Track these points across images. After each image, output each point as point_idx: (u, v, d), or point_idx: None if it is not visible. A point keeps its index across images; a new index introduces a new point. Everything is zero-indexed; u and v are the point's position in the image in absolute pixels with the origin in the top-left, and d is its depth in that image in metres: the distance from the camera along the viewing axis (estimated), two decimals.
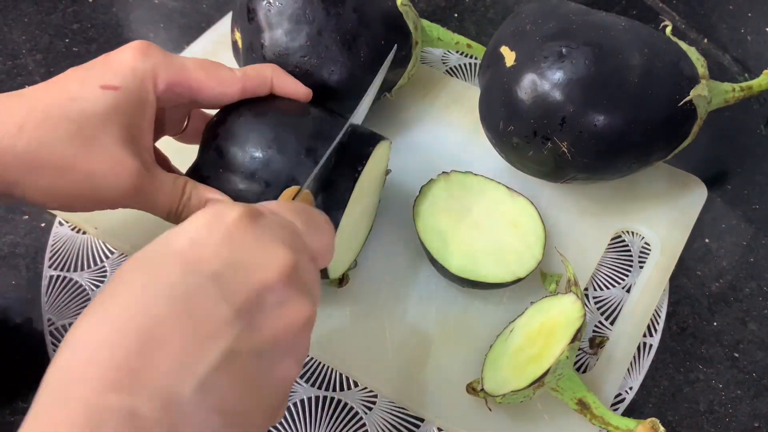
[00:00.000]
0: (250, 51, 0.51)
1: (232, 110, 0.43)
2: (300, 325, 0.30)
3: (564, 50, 0.45)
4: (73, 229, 0.52)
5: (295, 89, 0.45)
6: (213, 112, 0.45)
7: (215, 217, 0.30)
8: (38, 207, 0.39)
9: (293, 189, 0.39)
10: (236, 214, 0.30)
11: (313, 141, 0.42)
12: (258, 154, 0.41)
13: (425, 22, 0.57)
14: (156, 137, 0.46)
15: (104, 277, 0.49)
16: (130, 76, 0.38)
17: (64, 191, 0.37)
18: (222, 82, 0.42)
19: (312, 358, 0.47)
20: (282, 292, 0.29)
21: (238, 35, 0.52)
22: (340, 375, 0.47)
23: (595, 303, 0.50)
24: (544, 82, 0.45)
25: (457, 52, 0.64)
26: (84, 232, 0.51)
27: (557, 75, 0.45)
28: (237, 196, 0.41)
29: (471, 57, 0.64)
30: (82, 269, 0.50)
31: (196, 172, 0.43)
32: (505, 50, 0.48)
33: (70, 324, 0.47)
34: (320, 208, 0.40)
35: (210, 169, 0.42)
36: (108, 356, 0.25)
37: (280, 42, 0.49)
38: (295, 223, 0.32)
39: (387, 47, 0.51)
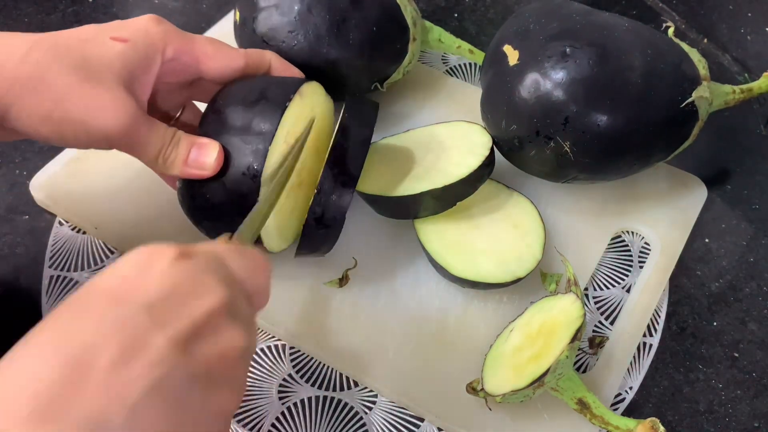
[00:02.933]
0: (244, 26, 0.52)
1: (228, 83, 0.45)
2: (236, 355, 0.30)
3: (567, 50, 0.45)
4: (73, 229, 0.52)
5: (291, 73, 0.47)
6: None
7: (147, 256, 0.30)
8: (29, 135, 0.39)
9: (226, 235, 0.38)
10: (169, 253, 0.30)
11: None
12: (250, 106, 0.42)
13: (427, 23, 0.57)
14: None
15: None
16: (141, 34, 0.41)
17: (60, 118, 0.38)
18: (227, 56, 0.44)
19: (312, 358, 0.47)
20: (216, 321, 0.29)
21: (237, 14, 0.53)
22: (340, 375, 0.47)
23: (595, 303, 0.50)
24: (548, 82, 0.45)
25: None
26: (84, 232, 0.51)
27: (560, 74, 0.45)
28: (236, 152, 0.42)
29: None
30: (82, 269, 0.50)
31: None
32: (508, 49, 0.48)
33: None
34: (244, 169, 0.41)
35: (210, 128, 0.43)
36: (32, 387, 0.25)
37: (271, 16, 0.50)
38: (228, 262, 0.32)
39: (380, 34, 0.51)
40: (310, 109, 0.45)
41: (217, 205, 0.43)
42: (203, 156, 0.41)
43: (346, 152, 0.43)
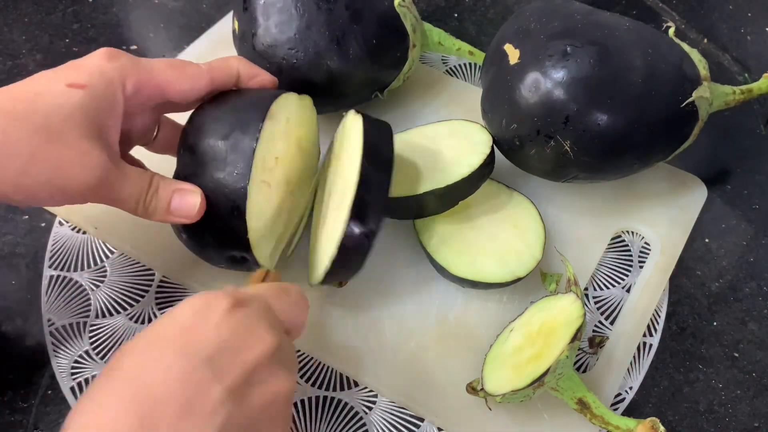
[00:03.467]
0: (243, 40, 0.52)
1: (196, 109, 0.44)
2: (284, 396, 0.33)
3: (568, 49, 0.45)
4: (73, 229, 0.52)
5: (261, 78, 0.46)
6: (184, 120, 0.45)
7: (205, 306, 0.33)
8: (4, 201, 0.39)
9: (262, 271, 0.41)
10: (224, 303, 0.33)
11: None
12: (222, 140, 0.41)
13: (427, 26, 0.57)
14: (128, 147, 0.46)
15: (104, 277, 0.49)
16: (97, 76, 0.39)
17: (30, 182, 0.37)
18: (190, 77, 0.42)
19: (312, 358, 0.47)
20: (267, 369, 0.33)
21: (236, 24, 0.53)
22: (340, 375, 0.47)
23: (595, 303, 0.50)
24: (548, 81, 0.45)
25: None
26: (84, 232, 0.51)
27: (561, 74, 0.45)
28: (217, 187, 0.41)
29: None
30: (82, 269, 0.50)
31: (178, 177, 0.43)
32: (509, 48, 0.48)
33: (70, 324, 0.47)
34: (224, 183, 0.41)
35: (188, 169, 0.43)
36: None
37: (270, 33, 0.50)
38: (274, 306, 0.36)
39: (380, 46, 0.51)
40: (284, 123, 0.44)
41: (210, 244, 0.43)
42: (186, 204, 0.41)
43: (367, 205, 0.42)
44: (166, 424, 0.28)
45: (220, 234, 0.42)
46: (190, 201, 0.41)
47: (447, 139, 0.51)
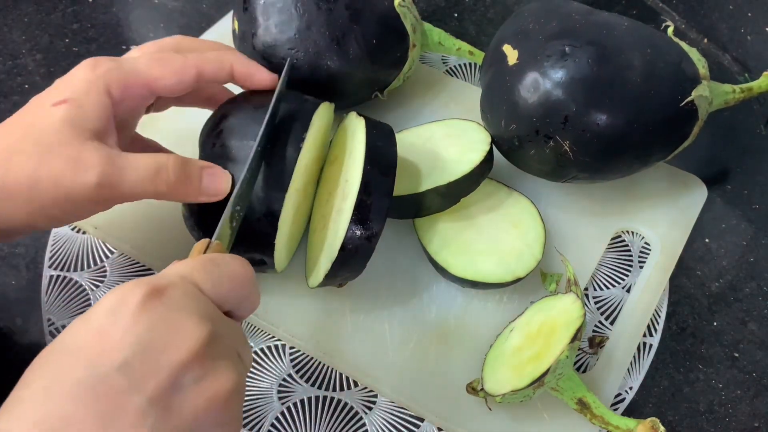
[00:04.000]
0: (243, 40, 0.52)
1: (230, 103, 0.45)
2: (224, 396, 0.29)
3: (567, 49, 0.45)
4: (73, 229, 0.52)
5: (260, 78, 0.45)
6: None
7: (118, 302, 0.29)
8: (24, 232, 0.40)
9: (203, 242, 0.37)
10: (139, 295, 0.29)
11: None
12: (260, 146, 0.41)
13: (427, 26, 0.57)
14: (129, 131, 0.46)
15: (104, 277, 0.49)
16: (79, 87, 0.39)
17: (38, 205, 0.37)
18: (176, 71, 0.42)
19: (312, 358, 0.47)
20: (198, 368, 0.28)
21: (236, 24, 0.53)
22: (340, 375, 0.47)
23: (595, 303, 0.50)
24: (547, 81, 0.45)
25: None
26: (84, 232, 0.51)
27: (560, 74, 0.45)
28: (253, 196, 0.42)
29: None
30: (82, 269, 0.50)
31: None
32: (507, 49, 0.48)
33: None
34: (260, 187, 0.41)
35: (217, 162, 0.43)
36: None
37: (270, 33, 0.50)
38: (203, 286, 0.31)
39: (380, 46, 0.51)
40: (316, 132, 0.45)
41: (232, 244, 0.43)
42: (216, 182, 0.41)
43: (369, 208, 0.42)
44: None
45: (246, 235, 0.42)
46: (222, 178, 0.41)
47: (445, 138, 0.51)
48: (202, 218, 0.43)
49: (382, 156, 0.43)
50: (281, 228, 0.42)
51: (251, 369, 0.46)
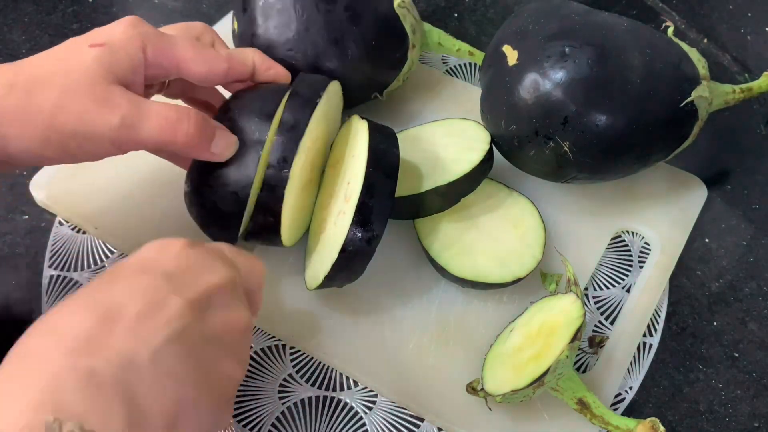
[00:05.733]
0: (242, 40, 0.52)
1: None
2: (240, 329, 0.35)
3: (567, 50, 0.45)
4: (73, 229, 0.52)
5: (276, 71, 0.46)
6: None
7: (162, 245, 0.35)
8: (32, 161, 0.40)
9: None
10: (182, 241, 0.35)
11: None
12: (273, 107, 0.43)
13: (427, 26, 0.57)
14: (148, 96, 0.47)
15: None
16: (118, 37, 0.40)
17: (57, 135, 0.38)
18: (208, 61, 0.43)
19: (312, 358, 0.47)
20: (225, 296, 0.34)
21: (235, 24, 0.53)
22: (340, 375, 0.47)
23: (595, 303, 0.50)
24: (547, 82, 0.45)
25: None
26: (84, 232, 0.52)
27: (560, 74, 0.45)
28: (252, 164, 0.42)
29: None
30: (82, 269, 0.50)
31: None
32: (507, 49, 0.48)
33: None
34: (274, 162, 0.42)
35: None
36: (71, 331, 0.30)
37: (269, 34, 0.50)
38: (230, 256, 0.37)
39: (379, 47, 0.51)
40: (325, 105, 0.45)
41: (227, 215, 0.43)
42: (225, 141, 0.42)
43: (371, 210, 0.42)
44: (126, 321, 0.30)
45: (242, 206, 0.42)
46: (231, 140, 0.42)
47: (444, 138, 0.51)
48: (202, 196, 0.43)
49: (384, 159, 0.43)
50: (291, 183, 0.42)
51: (251, 369, 0.46)
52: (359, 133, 0.45)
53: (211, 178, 0.42)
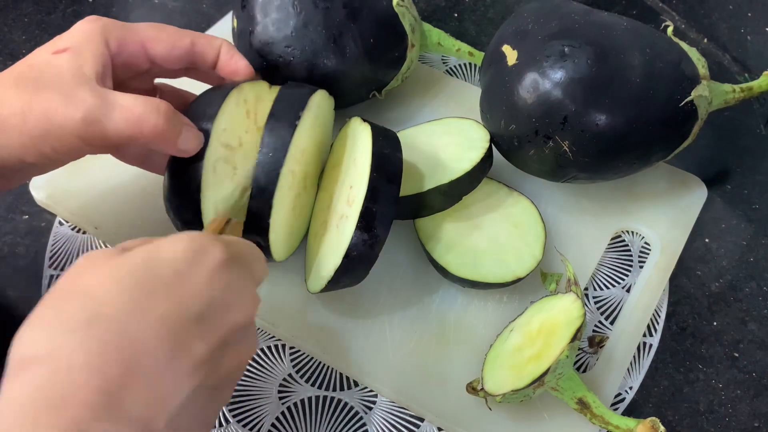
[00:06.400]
0: (241, 37, 0.52)
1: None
2: (246, 361, 0.34)
3: (566, 49, 0.45)
4: (73, 229, 0.52)
5: (237, 64, 0.45)
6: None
7: (200, 251, 0.32)
8: (19, 169, 0.40)
9: (222, 219, 0.40)
10: (219, 254, 0.32)
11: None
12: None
13: (426, 26, 0.57)
14: None
15: None
16: (78, 37, 0.41)
17: (28, 139, 0.38)
18: (171, 36, 0.43)
19: (312, 358, 0.47)
20: (244, 332, 0.33)
21: (235, 21, 0.53)
22: (340, 375, 0.47)
23: (595, 303, 0.50)
24: (546, 81, 0.45)
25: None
26: (84, 232, 0.52)
27: (559, 74, 0.45)
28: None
29: None
30: None
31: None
32: (507, 49, 0.48)
33: None
34: (255, 181, 0.42)
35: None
36: (93, 380, 0.26)
37: (267, 30, 0.50)
38: (252, 266, 0.35)
39: (377, 46, 0.51)
40: (314, 118, 0.45)
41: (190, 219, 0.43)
42: (191, 141, 0.41)
43: (375, 215, 0.42)
44: (150, 380, 0.28)
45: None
46: (197, 136, 0.41)
47: (444, 137, 0.51)
48: (176, 197, 0.43)
49: (388, 163, 0.43)
50: (276, 209, 0.42)
51: (251, 369, 0.46)
52: (362, 137, 0.45)
53: (173, 182, 0.43)
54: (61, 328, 0.28)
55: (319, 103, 0.46)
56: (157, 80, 0.48)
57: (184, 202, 0.42)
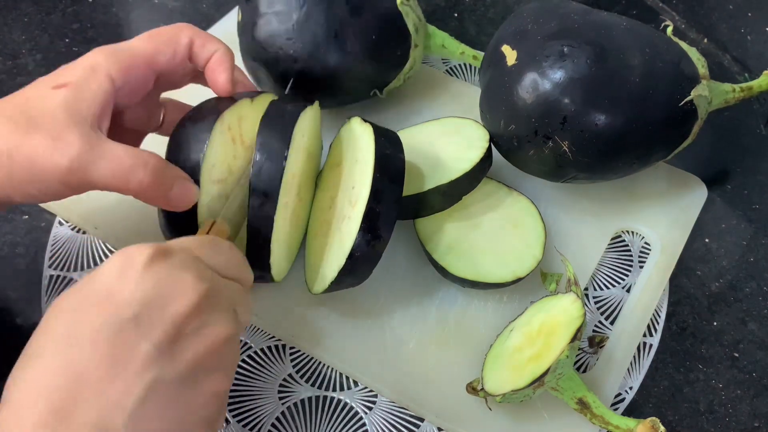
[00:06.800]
0: (244, 30, 0.52)
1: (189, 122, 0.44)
2: (221, 342, 0.33)
3: (566, 49, 0.45)
4: (73, 229, 0.52)
5: (216, 77, 0.44)
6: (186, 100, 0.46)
7: (126, 261, 0.32)
8: (7, 203, 0.40)
9: (209, 221, 0.41)
10: (144, 255, 0.32)
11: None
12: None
13: (431, 28, 0.57)
14: (138, 136, 0.47)
15: None
16: (81, 74, 0.40)
17: (17, 179, 0.38)
18: (170, 40, 0.43)
19: (312, 358, 0.47)
20: (198, 318, 0.32)
21: (240, 14, 0.53)
22: (340, 375, 0.47)
23: (595, 303, 0.50)
24: (546, 82, 0.45)
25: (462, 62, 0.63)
26: (84, 232, 0.51)
27: (558, 74, 0.45)
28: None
29: None
30: (82, 269, 0.50)
31: None
32: (506, 49, 0.48)
33: None
34: (250, 200, 0.41)
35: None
36: (42, 403, 0.28)
37: (269, 23, 0.50)
38: (201, 255, 0.35)
39: (379, 43, 0.51)
40: (299, 139, 0.44)
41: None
42: (185, 193, 0.40)
43: (378, 216, 0.42)
44: (96, 383, 0.29)
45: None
46: (190, 191, 0.41)
47: (443, 137, 0.51)
48: (174, 226, 0.43)
49: (390, 164, 0.43)
50: (275, 246, 0.42)
51: (251, 369, 0.46)
52: (363, 138, 0.45)
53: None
54: (17, 371, 0.31)
55: (304, 127, 0.45)
56: (163, 95, 0.48)
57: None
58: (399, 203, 0.43)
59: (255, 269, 0.40)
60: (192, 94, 0.48)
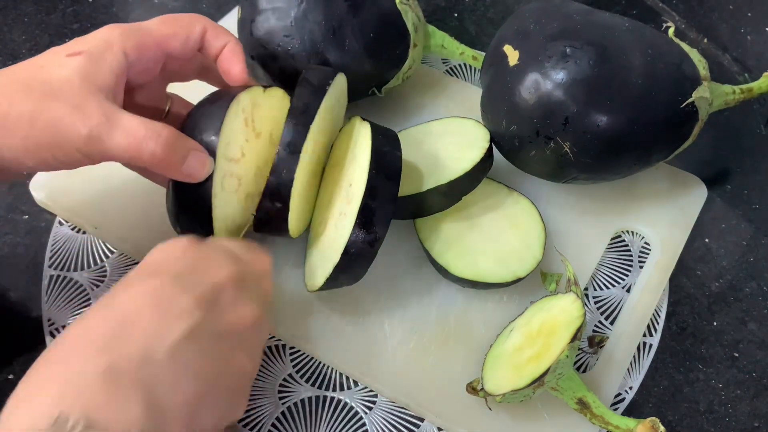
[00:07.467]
0: (243, 26, 0.52)
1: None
2: (249, 322, 0.37)
3: (568, 50, 0.45)
4: (73, 229, 0.52)
5: (232, 66, 0.45)
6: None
7: (169, 246, 0.38)
8: (18, 169, 0.40)
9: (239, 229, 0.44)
10: (185, 240, 0.38)
11: None
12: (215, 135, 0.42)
13: (431, 28, 0.57)
14: None
15: (104, 276, 0.50)
16: (95, 43, 0.40)
17: (33, 143, 0.38)
18: (185, 26, 0.43)
19: (312, 358, 0.47)
20: (232, 292, 0.36)
21: (239, 12, 0.53)
22: (340, 375, 0.47)
23: (595, 303, 0.50)
24: (548, 82, 0.45)
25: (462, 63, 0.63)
26: (84, 232, 0.51)
27: (561, 75, 0.45)
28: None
29: None
30: (82, 269, 0.50)
31: None
32: (508, 49, 0.48)
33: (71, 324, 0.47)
34: (280, 150, 0.43)
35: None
36: (90, 335, 0.33)
37: (268, 20, 0.50)
38: (234, 250, 0.40)
39: (377, 41, 0.51)
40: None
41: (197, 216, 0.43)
42: (199, 164, 0.41)
43: (374, 213, 0.42)
44: (139, 326, 0.33)
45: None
46: (205, 162, 0.41)
47: (443, 137, 0.51)
48: (183, 215, 0.43)
49: (387, 161, 0.43)
50: (295, 193, 0.42)
51: None
52: (361, 135, 0.45)
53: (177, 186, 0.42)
54: (82, 318, 0.35)
55: (341, 84, 0.47)
56: (169, 89, 0.48)
57: (193, 222, 0.43)
58: (395, 201, 0.43)
59: (273, 220, 0.43)
60: (197, 93, 0.48)
